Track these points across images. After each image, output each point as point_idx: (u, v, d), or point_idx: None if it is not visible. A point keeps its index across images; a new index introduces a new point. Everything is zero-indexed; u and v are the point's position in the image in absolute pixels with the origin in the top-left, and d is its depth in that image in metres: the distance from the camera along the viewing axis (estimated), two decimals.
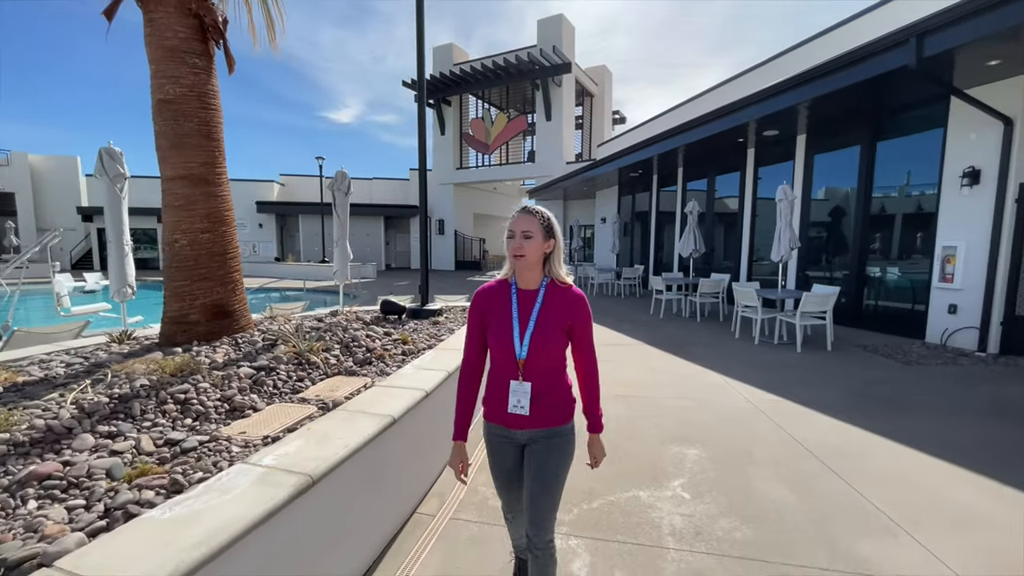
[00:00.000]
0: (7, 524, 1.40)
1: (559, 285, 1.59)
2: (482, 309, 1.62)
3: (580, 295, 1.60)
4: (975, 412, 4.00)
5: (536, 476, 1.57)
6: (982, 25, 4.75)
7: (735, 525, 2.43)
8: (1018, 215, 5.83)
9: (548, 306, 1.56)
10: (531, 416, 1.56)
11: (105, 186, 4.58)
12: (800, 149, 9.05)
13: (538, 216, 1.55)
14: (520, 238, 1.52)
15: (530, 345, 1.53)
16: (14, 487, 1.56)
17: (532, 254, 1.53)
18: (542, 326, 1.54)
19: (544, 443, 1.59)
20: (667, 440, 3.46)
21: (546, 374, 1.57)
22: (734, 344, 6.75)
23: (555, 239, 1.57)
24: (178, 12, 2.86)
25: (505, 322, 1.57)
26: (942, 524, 2.42)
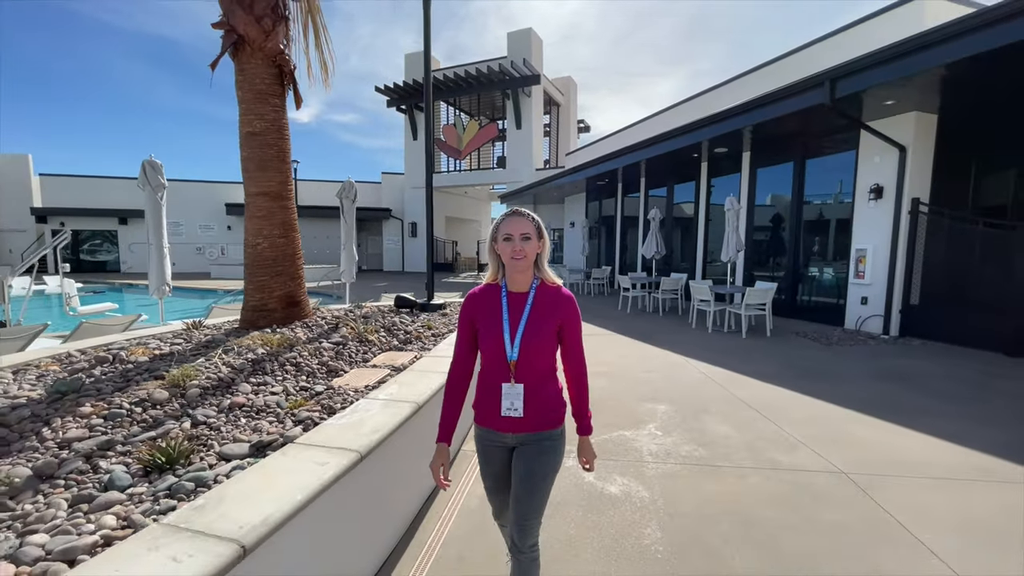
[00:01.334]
0: (239, 429, 2.16)
1: (549, 286, 1.61)
2: (472, 313, 1.63)
3: (569, 296, 1.62)
4: (869, 377, 5.20)
5: (523, 479, 1.56)
6: (879, 74, 6.05)
7: (693, 448, 3.40)
8: (910, 224, 7.25)
9: (538, 307, 1.56)
10: (524, 419, 1.56)
11: (147, 195, 5.12)
12: (745, 163, 10.40)
13: (529, 217, 1.57)
14: (519, 240, 1.53)
15: (521, 346, 1.53)
16: (225, 411, 2.30)
17: (531, 255, 1.55)
18: (532, 327, 1.54)
19: (534, 446, 1.59)
20: (641, 400, 4.43)
21: (537, 376, 1.56)
22: (691, 333, 7.88)
23: (544, 239, 1.60)
24: (264, 63, 3.56)
25: (496, 324, 1.57)
26: (830, 443, 3.48)
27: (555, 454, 1.61)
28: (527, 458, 1.58)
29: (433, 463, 1.63)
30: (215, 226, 24.55)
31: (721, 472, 3.06)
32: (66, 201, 22.51)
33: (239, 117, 3.63)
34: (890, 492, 2.78)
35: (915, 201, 7.23)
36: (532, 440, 1.59)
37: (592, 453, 1.68)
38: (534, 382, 1.56)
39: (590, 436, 1.68)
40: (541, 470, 1.57)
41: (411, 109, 24.53)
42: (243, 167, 3.70)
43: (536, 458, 1.57)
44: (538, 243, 1.57)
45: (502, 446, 1.64)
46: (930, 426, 3.75)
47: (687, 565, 2.17)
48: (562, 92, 26.50)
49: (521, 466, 1.58)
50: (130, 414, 2.18)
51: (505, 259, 1.56)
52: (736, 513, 2.59)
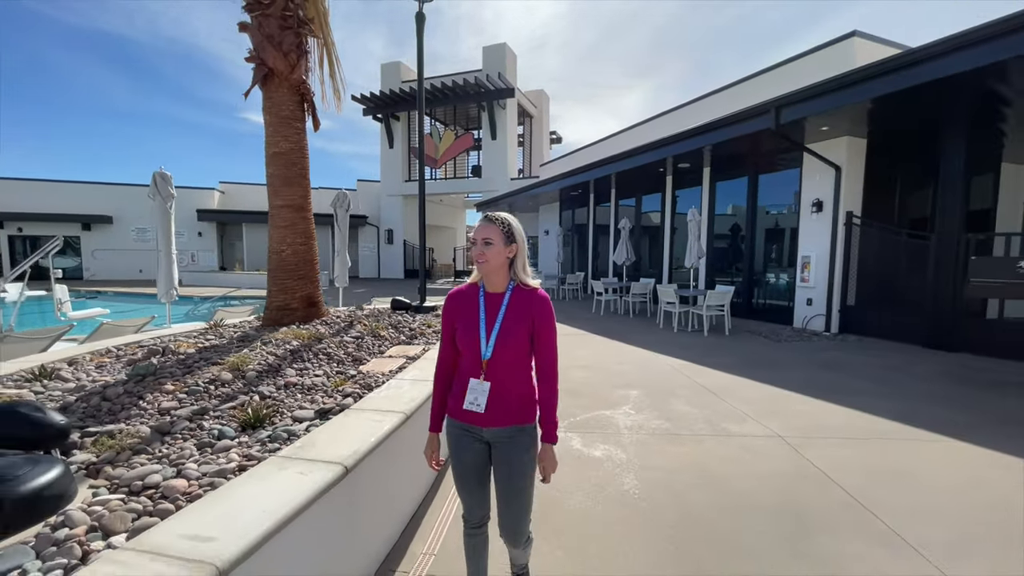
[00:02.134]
0: (299, 401, 2.65)
1: (525, 288, 1.64)
2: (452, 311, 1.69)
3: (544, 297, 1.64)
4: (809, 367, 6.04)
5: (505, 481, 1.64)
6: (815, 105, 6.98)
7: (661, 423, 4.06)
8: (846, 234, 8.26)
9: (513, 308, 1.60)
10: (490, 414, 1.59)
11: (158, 205, 5.46)
12: (706, 178, 11.36)
13: (498, 223, 1.60)
14: (481, 244, 1.57)
15: (495, 346, 1.58)
16: (282, 388, 2.78)
17: (494, 259, 1.57)
18: (506, 328, 1.59)
19: (508, 442, 1.63)
20: (616, 387, 5.08)
21: (509, 374, 1.61)
22: (659, 332, 8.65)
23: (516, 243, 1.62)
24: (289, 92, 4.01)
25: (472, 323, 1.62)
26: (772, 416, 4.20)
27: (533, 447, 1.66)
28: (508, 453, 1.62)
29: (425, 450, 1.79)
30: (185, 232, 24.06)
31: (683, 438, 3.72)
32: (23, 205, 21.67)
33: (266, 138, 4.09)
34: (814, 449, 3.50)
35: (849, 214, 8.25)
36: (505, 436, 1.62)
37: (553, 463, 1.65)
38: (504, 380, 1.60)
39: (554, 445, 1.65)
40: (520, 468, 1.62)
41: (387, 118, 24.86)
42: (269, 182, 4.14)
43: (512, 454, 1.62)
44: (505, 248, 1.59)
45: (473, 437, 1.67)
46: (850, 402, 4.54)
47: (656, 502, 2.79)
48: (535, 104, 27.41)
49: (501, 467, 1.63)
50: (206, 390, 2.64)
51: (473, 261, 1.63)
52: (695, 466, 3.24)
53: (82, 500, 1.63)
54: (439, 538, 2.43)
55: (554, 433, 1.66)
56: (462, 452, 1.70)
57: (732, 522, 2.58)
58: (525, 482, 1.64)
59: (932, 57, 5.60)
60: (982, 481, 3.03)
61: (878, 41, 8.42)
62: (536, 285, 1.66)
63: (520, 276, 1.64)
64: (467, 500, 1.76)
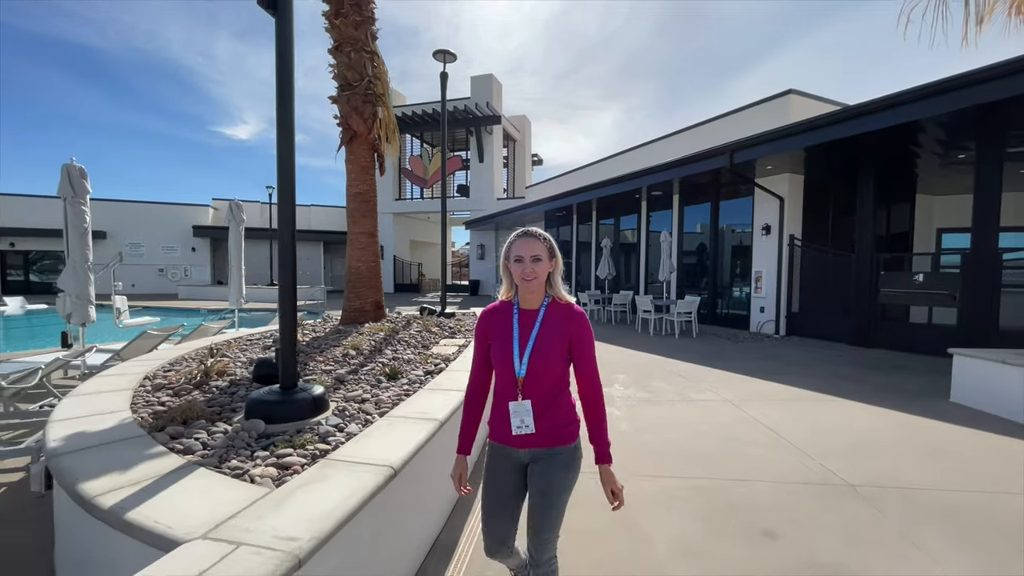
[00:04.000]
0: (410, 367, 3.93)
1: (560, 303, 1.61)
2: (486, 329, 1.67)
3: (581, 312, 1.62)
4: (757, 359, 7.58)
5: (540, 493, 1.58)
6: (761, 150, 8.70)
7: (644, 394, 5.46)
8: (789, 253, 9.99)
9: (548, 324, 1.58)
10: (536, 434, 1.57)
11: (232, 229, 6.63)
12: (676, 203, 13.07)
13: (541, 238, 1.60)
14: (529, 262, 1.56)
15: (529, 363, 1.55)
16: (392, 360, 4.06)
17: (542, 275, 1.58)
18: (541, 344, 1.56)
19: (547, 461, 1.60)
20: (608, 372, 6.48)
21: (546, 392, 1.58)
22: (638, 335, 10.14)
23: (557, 258, 1.62)
24: (366, 148, 5.31)
25: (506, 341, 1.60)
26: (725, 388, 5.66)
27: (571, 470, 1.61)
28: (542, 473, 1.59)
29: (452, 472, 1.70)
30: (178, 247, 24.60)
31: (660, 402, 5.14)
32: (17, 220, 21.89)
33: (347, 182, 5.38)
34: (751, 407, 4.95)
35: (791, 237, 10.00)
36: (544, 455, 1.60)
37: (616, 483, 1.60)
38: (542, 398, 1.57)
39: (610, 465, 1.61)
40: (557, 486, 1.57)
41: None
42: (349, 215, 5.41)
43: (551, 473, 1.58)
44: (549, 263, 1.59)
45: (515, 463, 1.64)
46: (781, 379, 6.06)
47: (643, 437, 4.17)
48: (518, 129, 29.19)
49: (537, 481, 1.60)
50: (344, 360, 3.90)
51: (517, 279, 1.59)
52: (669, 417, 4.64)
53: (335, 405, 2.89)
54: None
55: (608, 453, 1.62)
56: (502, 477, 1.66)
57: (695, 444, 3.98)
58: (559, 501, 1.59)
59: (848, 118, 7.35)
60: (850, 420, 4.54)
61: (809, 96, 10.33)
62: (572, 300, 1.65)
63: (558, 291, 1.63)
64: (492, 534, 1.69)
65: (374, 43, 5.38)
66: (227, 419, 2.60)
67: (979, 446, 3.93)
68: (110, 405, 2.76)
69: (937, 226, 11.53)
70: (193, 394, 3.09)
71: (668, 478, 3.32)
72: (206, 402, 2.89)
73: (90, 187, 5.08)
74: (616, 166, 15.48)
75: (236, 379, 3.40)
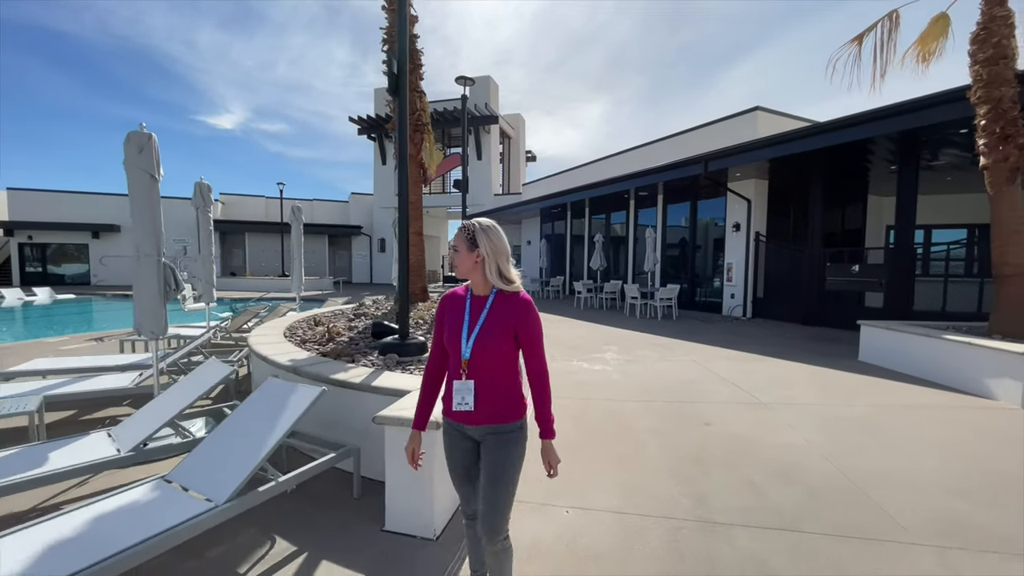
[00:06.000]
0: None
1: (506, 292, 1.68)
2: (442, 312, 1.78)
3: (526, 300, 1.69)
4: (723, 334, 9.25)
5: (487, 471, 1.69)
6: (731, 161, 10.31)
7: (630, 357, 7.05)
8: (755, 248, 11.67)
9: (495, 311, 1.67)
10: (477, 412, 1.66)
11: (294, 228, 8.03)
12: (660, 201, 14.69)
13: (463, 231, 1.68)
14: (451, 251, 1.72)
15: (474, 347, 1.65)
16: None
17: (461, 265, 1.69)
18: (486, 329, 1.65)
19: (494, 440, 1.69)
20: (601, 344, 8.06)
21: (489, 374, 1.66)
22: (626, 319, 11.77)
23: (479, 249, 1.65)
24: (415, 166, 6.74)
25: (457, 324, 1.70)
26: (695, 353, 7.29)
27: (515, 446, 1.70)
28: (487, 451, 1.70)
29: (407, 446, 1.84)
30: (189, 240, 25.61)
31: (643, 362, 6.74)
32: (34, 214, 22.76)
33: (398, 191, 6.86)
34: (712, 364, 6.56)
35: (757, 233, 11.68)
36: (490, 434, 1.69)
37: (555, 458, 1.71)
38: (486, 379, 1.66)
39: (552, 440, 1.71)
40: (503, 462, 1.67)
41: (380, 137, 27.31)
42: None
43: (497, 451, 1.68)
44: (470, 254, 1.66)
45: (463, 436, 1.75)
46: (738, 348, 7.71)
47: (630, 383, 5.76)
48: (512, 127, 30.56)
49: (486, 459, 1.70)
50: (417, 326, 5.41)
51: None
52: (650, 371, 6.24)
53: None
54: None
55: (550, 429, 1.71)
56: (454, 450, 1.78)
57: (665, 383, 5.58)
58: (505, 478, 1.67)
59: (801, 136, 8.97)
60: (776, 370, 6.19)
61: (774, 112, 11.96)
62: (516, 289, 1.69)
63: (494, 281, 1.67)
64: (460, 495, 1.85)
65: (420, 83, 6.84)
66: (365, 356, 4.11)
67: (853, 382, 5.61)
68: (288, 348, 4.25)
69: (887, 223, 13.30)
70: (328, 345, 4.58)
71: (645, 401, 4.91)
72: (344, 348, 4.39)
73: (214, 198, 6.51)
74: (606, 168, 17.06)
75: (345, 338, 4.89)
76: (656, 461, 3.45)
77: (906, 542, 2.47)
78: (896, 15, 6.48)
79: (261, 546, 2.45)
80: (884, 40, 6.59)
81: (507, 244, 1.71)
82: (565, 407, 4.61)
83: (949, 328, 6.15)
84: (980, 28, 5.68)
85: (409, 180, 6.70)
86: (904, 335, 6.19)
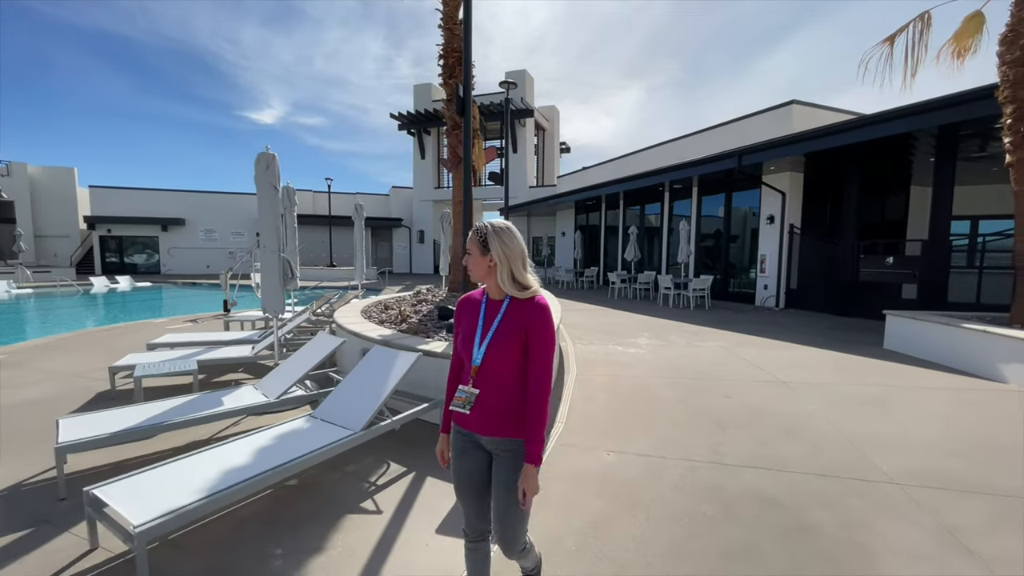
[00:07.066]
0: None
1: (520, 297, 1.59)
2: (459, 316, 1.74)
3: (541, 304, 1.59)
4: (753, 323, 9.66)
5: (501, 492, 1.62)
6: (766, 155, 10.60)
7: (662, 343, 7.65)
8: (789, 239, 11.90)
9: (509, 316, 1.59)
10: (482, 422, 1.61)
11: (357, 223, 8.99)
12: (694, 193, 14.97)
13: (476, 234, 1.60)
14: (466, 256, 1.64)
15: (485, 353, 1.59)
16: None
17: (474, 270, 1.62)
18: (499, 335, 1.58)
19: (507, 454, 1.61)
20: (635, 329, 8.68)
21: (499, 383, 1.59)
22: (659, 308, 12.28)
23: (491, 253, 1.57)
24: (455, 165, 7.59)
25: (471, 329, 1.65)
26: (723, 339, 7.81)
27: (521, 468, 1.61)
28: (502, 467, 1.62)
29: (436, 448, 1.85)
30: (245, 232, 27.57)
31: (674, 347, 7.34)
32: (113, 210, 25.12)
33: (453, 192, 7.65)
34: (738, 349, 7.10)
35: (791, 225, 11.89)
36: (503, 448, 1.61)
37: (534, 487, 1.55)
38: (494, 390, 1.59)
39: (537, 468, 1.55)
40: (515, 479, 1.58)
41: (420, 133, 28.37)
42: (455, 215, 7.71)
43: (511, 466, 1.60)
44: (483, 258, 1.59)
45: (472, 444, 1.68)
46: (767, 335, 8.17)
47: (661, 363, 6.39)
48: (547, 119, 30.97)
49: (499, 477, 1.62)
50: None
51: None
52: (681, 355, 6.85)
53: None
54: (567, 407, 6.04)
55: (537, 454, 1.54)
56: (463, 456, 1.70)
57: (692, 365, 6.18)
58: (513, 497, 1.59)
59: (841, 131, 9.20)
60: (800, 354, 6.66)
61: (810, 105, 12.05)
62: (532, 294, 1.60)
63: (507, 288, 1.58)
64: (464, 508, 1.75)
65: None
66: (437, 332, 4.94)
67: (871, 366, 6.05)
68: (371, 326, 5.14)
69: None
70: (403, 324, 5.45)
71: (673, 377, 5.56)
72: (417, 327, 5.25)
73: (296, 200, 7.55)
74: (641, 161, 17.39)
75: (415, 319, 5.75)
76: (680, 422, 4.13)
77: (882, 481, 3.08)
78: (928, 16, 6.72)
79: (380, 466, 3.32)
80: (916, 40, 6.85)
81: (523, 246, 1.62)
82: (600, 382, 5.34)
83: (972, 318, 6.46)
84: (1008, 30, 5.91)
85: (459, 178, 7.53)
86: (925, 324, 6.53)
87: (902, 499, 2.88)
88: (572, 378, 5.48)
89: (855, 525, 2.60)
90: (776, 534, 2.53)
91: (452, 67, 7.39)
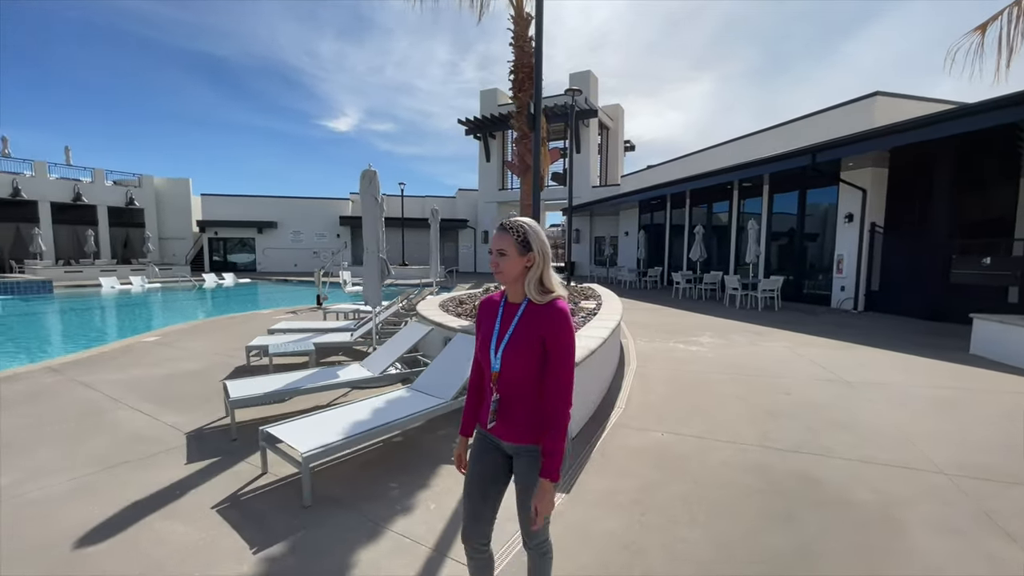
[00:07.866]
0: (579, 308, 6.74)
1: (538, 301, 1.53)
2: (479, 320, 1.71)
3: (560, 308, 1.52)
4: (825, 325, 9.38)
5: (520, 494, 1.62)
6: (844, 152, 10.21)
7: (724, 341, 7.75)
8: (870, 239, 11.31)
9: (526, 320, 1.54)
10: (502, 428, 1.60)
11: (433, 225, 9.85)
12: (765, 192, 14.52)
13: (512, 232, 1.53)
14: (496, 255, 1.55)
15: (502, 358, 1.56)
16: None
17: (509, 271, 1.54)
18: (515, 340, 1.54)
19: (528, 458, 1.60)
20: (697, 328, 8.81)
21: (518, 389, 1.56)
22: (725, 308, 12.14)
23: (533, 252, 1.53)
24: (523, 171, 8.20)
25: (488, 333, 1.63)
26: (787, 340, 7.77)
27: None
28: (522, 472, 1.61)
29: (455, 452, 1.81)
30: (327, 234, 30.14)
31: (736, 345, 7.44)
32: (218, 215, 28.54)
33: (521, 195, 8.28)
34: (802, 350, 7.07)
35: (872, 224, 11.29)
36: (524, 452, 1.60)
37: (547, 505, 1.50)
38: (512, 395, 1.57)
39: (553, 484, 1.49)
40: (531, 488, 1.57)
41: (485, 137, 29.41)
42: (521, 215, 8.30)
43: (531, 471, 1.58)
44: (522, 258, 1.53)
45: (494, 446, 1.68)
46: (837, 337, 7.98)
47: (721, 361, 6.57)
48: (611, 118, 30.84)
49: (520, 478, 1.62)
50: None
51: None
52: (743, 353, 6.96)
53: None
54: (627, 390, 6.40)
55: (554, 469, 1.48)
56: (483, 457, 1.70)
57: (753, 363, 6.32)
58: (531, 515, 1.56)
59: (932, 123, 8.71)
60: (868, 356, 6.53)
61: (896, 96, 11.34)
62: (551, 299, 1.54)
63: (531, 291, 1.53)
64: (466, 511, 1.71)
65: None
66: None
67: (948, 369, 5.84)
68: (450, 318, 5.86)
69: None
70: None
71: (732, 374, 5.77)
72: None
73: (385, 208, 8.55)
74: (708, 159, 17.04)
75: None
76: (735, 413, 4.41)
77: (929, 471, 3.24)
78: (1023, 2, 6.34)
79: None
80: (1012, 28, 6.49)
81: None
82: (659, 375, 5.69)
83: None
84: None
85: (527, 183, 8.12)
86: (1014, 328, 6.18)
87: (946, 485, 3.05)
88: (632, 371, 5.88)
89: (894, 504, 2.85)
90: (813, 504, 2.85)
91: (522, 81, 7.98)
